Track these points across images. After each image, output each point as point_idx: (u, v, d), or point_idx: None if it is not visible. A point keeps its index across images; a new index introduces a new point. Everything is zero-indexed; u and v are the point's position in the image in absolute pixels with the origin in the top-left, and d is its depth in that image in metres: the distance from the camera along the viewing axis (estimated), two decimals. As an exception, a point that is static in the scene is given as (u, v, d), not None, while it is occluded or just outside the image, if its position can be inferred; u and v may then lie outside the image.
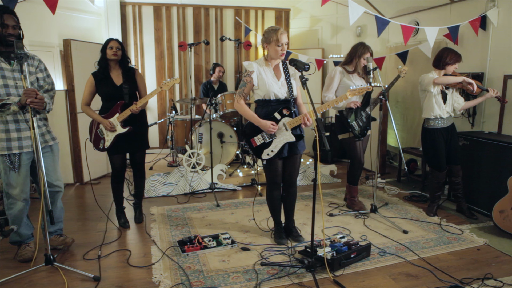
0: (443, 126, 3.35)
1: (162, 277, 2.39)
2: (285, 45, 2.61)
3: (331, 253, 2.47)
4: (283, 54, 2.61)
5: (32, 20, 4.59)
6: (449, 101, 3.36)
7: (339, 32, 5.88)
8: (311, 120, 2.59)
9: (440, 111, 3.31)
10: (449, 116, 3.37)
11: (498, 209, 3.02)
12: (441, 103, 3.31)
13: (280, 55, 2.60)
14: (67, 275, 2.42)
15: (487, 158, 3.40)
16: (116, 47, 3.01)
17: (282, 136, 2.66)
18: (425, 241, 2.92)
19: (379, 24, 3.32)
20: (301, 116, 2.61)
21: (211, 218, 3.43)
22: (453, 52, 3.28)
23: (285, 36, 2.60)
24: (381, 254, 2.70)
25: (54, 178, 2.68)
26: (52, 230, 2.78)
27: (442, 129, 3.35)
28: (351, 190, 3.61)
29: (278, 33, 2.57)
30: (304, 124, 2.61)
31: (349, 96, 2.73)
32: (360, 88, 2.70)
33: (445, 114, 3.34)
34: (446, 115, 3.35)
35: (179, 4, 5.76)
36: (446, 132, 3.37)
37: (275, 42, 2.58)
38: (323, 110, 2.72)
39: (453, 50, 3.32)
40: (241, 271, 2.47)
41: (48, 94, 2.62)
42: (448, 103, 3.36)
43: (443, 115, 3.33)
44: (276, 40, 2.57)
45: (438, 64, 3.32)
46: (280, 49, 2.58)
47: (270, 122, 2.59)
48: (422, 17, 4.67)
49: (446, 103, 3.34)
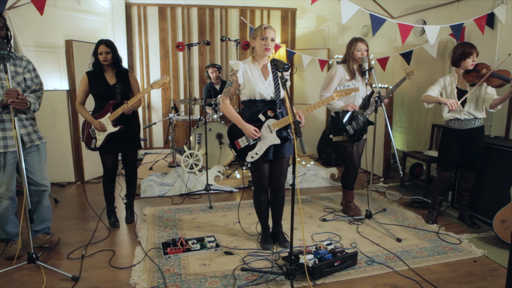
0: (459, 128, 3.09)
1: (140, 279, 2.37)
2: (271, 40, 2.54)
3: (313, 261, 2.38)
4: (268, 49, 2.54)
5: (38, 22, 4.70)
6: (470, 103, 3.02)
7: (346, 32, 5.74)
8: (303, 118, 2.51)
9: (456, 113, 3.04)
10: (472, 118, 3.05)
11: (500, 219, 2.85)
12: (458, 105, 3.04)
13: (265, 49, 2.53)
14: (48, 274, 2.43)
15: (491, 163, 3.22)
16: (105, 52, 3.02)
17: (266, 139, 2.59)
18: (418, 251, 2.78)
19: (375, 23, 3.19)
20: (287, 117, 2.53)
21: (201, 220, 3.39)
22: (463, 45, 3.02)
23: (270, 31, 2.54)
24: (369, 263, 2.59)
25: (41, 178, 2.71)
26: (39, 229, 2.81)
27: (458, 131, 3.09)
28: (346, 195, 3.50)
29: (262, 27, 2.55)
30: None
31: (336, 97, 2.63)
32: (347, 89, 2.60)
33: (463, 115, 3.04)
34: (465, 116, 3.04)
35: (183, 4, 5.77)
36: (463, 135, 3.08)
37: (260, 36, 2.53)
38: (309, 112, 2.63)
39: (465, 43, 3.06)
40: (219, 276, 2.41)
41: (35, 94, 2.65)
42: (469, 105, 3.02)
43: (460, 116, 3.05)
44: (260, 34, 2.53)
45: (452, 62, 3.10)
46: (264, 43, 2.52)
47: (253, 127, 2.53)
48: (429, 15, 4.48)
49: (466, 104, 3.02)
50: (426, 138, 4.58)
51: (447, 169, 3.21)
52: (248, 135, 2.54)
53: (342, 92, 2.61)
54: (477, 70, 3.01)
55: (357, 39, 3.22)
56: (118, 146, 3.18)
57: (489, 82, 2.95)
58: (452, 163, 3.19)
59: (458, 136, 3.13)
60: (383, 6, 5.03)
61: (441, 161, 3.25)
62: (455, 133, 3.13)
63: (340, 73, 3.25)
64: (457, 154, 3.16)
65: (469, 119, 3.08)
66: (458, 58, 3.03)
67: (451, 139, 3.15)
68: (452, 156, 3.16)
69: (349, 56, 3.25)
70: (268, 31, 2.53)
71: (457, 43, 3.12)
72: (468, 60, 2.99)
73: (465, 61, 3.00)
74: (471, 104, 3.05)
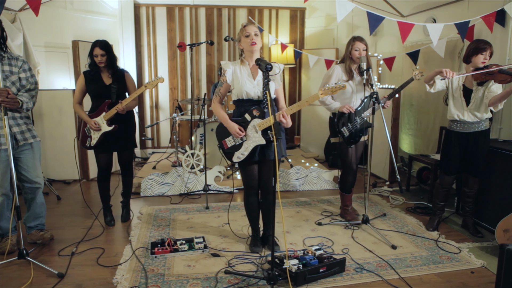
0: (462, 131, 2.95)
1: (123, 279, 2.38)
2: (254, 35, 2.50)
3: (297, 266, 2.31)
4: (254, 43, 2.49)
5: (48, 23, 4.83)
6: (475, 101, 2.86)
7: (355, 32, 5.59)
8: (288, 118, 2.45)
9: (460, 112, 2.91)
10: (476, 121, 2.89)
11: (502, 228, 2.68)
12: (460, 103, 2.90)
13: (251, 44, 2.49)
14: (36, 270, 2.48)
15: (498, 169, 3.04)
16: (100, 54, 3.05)
17: (252, 139, 2.54)
18: (412, 259, 2.66)
19: (372, 21, 3.07)
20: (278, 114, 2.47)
21: (195, 220, 3.38)
22: (477, 41, 2.86)
23: (251, 27, 2.52)
24: (358, 270, 2.50)
25: (34, 175, 2.76)
26: (33, 225, 2.88)
27: (460, 134, 2.95)
28: (343, 198, 3.40)
29: (242, 26, 2.54)
30: (280, 121, 2.47)
31: (321, 95, 2.53)
32: (334, 86, 2.50)
33: (466, 116, 2.89)
34: (469, 118, 2.88)
35: (191, 4, 5.79)
36: (466, 139, 2.94)
37: (243, 34, 2.51)
38: (294, 111, 2.55)
39: (480, 39, 2.90)
40: (202, 278, 2.39)
41: (29, 93, 2.71)
42: (474, 103, 2.86)
43: (463, 116, 2.90)
44: (242, 31, 2.51)
45: (464, 58, 2.94)
46: (248, 39, 2.49)
47: (237, 126, 2.50)
48: (439, 13, 4.30)
49: (470, 103, 2.87)
50: (434, 141, 4.41)
51: (448, 173, 3.06)
52: (233, 133, 2.51)
53: (328, 90, 2.52)
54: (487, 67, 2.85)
55: (355, 38, 3.13)
56: (113, 145, 3.21)
57: (495, 79, 2.77)
58: (454, 167, 3.04)
59: (460, 140, 2.98)
60: (393, 5, 4.88)
61: (443, 165, 3.11)
62: (457, 136, 2.99)
63: (338, 73, 3.16)
64: (459, 158, 3.01)
65: (472, 122, 2.92)
66: (470, 53, 2.86)
67: (453, 142, 3.00)
68: (453, 160, 3.02)
69: (347, 56, 3.16)
70: (248, 27, 2.51)
71: (474, 40, 2.95)
72: (479, 56, 2.81)
73: (476, 57, 2.82)
74: (476, 104, 2.89)
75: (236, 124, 2.50)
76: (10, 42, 4.19)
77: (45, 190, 4.19)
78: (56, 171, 4.64)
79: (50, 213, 3.58)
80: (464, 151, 3.00)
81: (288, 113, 2.47)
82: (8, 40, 4.14)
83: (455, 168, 3.04)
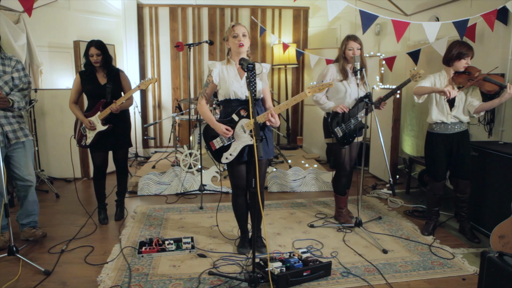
0: (445, 132, 2.92)
1: (107, 277, 2.39)
2: (242, 36, 2.48)
3: (280, 269, 2.28)
4: (242, 44, 2.48)
5: (51, 23, 4.92)
6: (458, 105, 2.89)
7: (358, 31, 5.50)
8: (276, 117, 2.42)
9: (443, 116, 2.89)
10: (457, 122, 2.91)
11: (498, 234, 2.59)
12: (444, 107, 2.88)
13: (238, 45, 2.47)
14: (24, 267, 2.52)
15: (497, 173, 2.93)
16: (95, 54, 3.08)
17: (240, 139, 2.52)
18: (402, 264, 2.59)
19: (365, 20, 3.00)
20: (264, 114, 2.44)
21: (187, 220, 3.38)
22: (459, 44, 2.83)
23: (239, 27, 2.50)
24: (344, 274, 2.45)
25: (26, 173, 2.81)
26: (26, 222, 2.92)
27: (444, 136, 2.93)
28: (337, 200, 3.34)
29: (231, 26, 2.52)
30: (268, 121, 2.44)
31: (308, 94, 2.49)
32: (321, 84, 2.46)
33: (449, 119, 2.89)
34: (452, 120, 2.90)
35: (194, 4, 5.81)
36: (451, 140, 2.92)
37: (231, 34, 2.49)
38: (283, 110, 2.51)
39: (461, 42, 2.88)
40: (185, 279, 2.38)
41: (21, 93, 2.75)
42: (458, 107, 2.88)
43: (447, 120, 2.90)
44: (231, 33, 2.49)
45: (444, 60, 2.92)
46: (236, 40, 2.47)
47: (224, 126, 2.48)
48: (442, 12, 4.19)
49: (454, 107, 2.89)
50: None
51: (438, 179, 3.00)
52: (220, 133, 2.49)
53: (316, 88, 2.47)
54: (468, 72, 2.81)
55: (349, 37, 3.07)
56: (108, 144, 3.24)
57: (482, 87, 2.78)
58: (442, 171, 2.98)
59: (444, 141, 2.93)
60: (396, 4, 4.79)
61: (430, 171, 3.05)
62: (441, 138, 2.94)
63: (332, 73, 3.11)
64: (445, 161, 2.96)
65: (454, 123, 2.91)
66: (453, 58, 2.83)
67: (438, 145, 2.95)
68: (440, 164, 2.96)
69: (341, 55, 3.10)
70: (237, 28, 2.49)
71: (454, 41, 2.88)
72: (462, 61, 2.81)
73: (459, 62, 2.82)
74: (459, 108, 2.89)
75: (222, 124, 2.49)
76: (13, 42, 4.28)
77: (45, 188, 4.29)
78: (58, 169, 4.71)
79: (47, 210, 3.65)
80: (449, 153, 2.95)
81: (276, 112, 2.44)
82: (11, 41, 4.24)
83: (443, 172, 2.99)
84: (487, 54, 3.54)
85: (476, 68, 2.86)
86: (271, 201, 3.93)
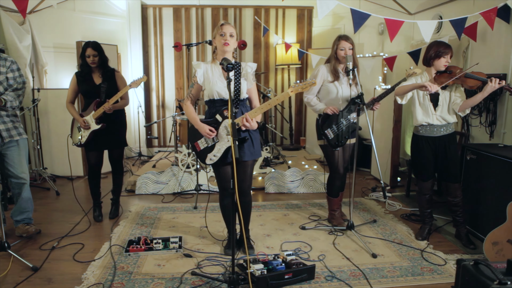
0: (431, 135, 2.85)
1: (91, 275, 2.42)
2: (229, 36, 2.48)
3: (260, 271, 2.26)
4: (227, 43, 2.47)
5: (56, 24, 5.02)
6: (442, 105, 2.81)
7: (362, 30, 5.41)
8: (251, 121, 2.41)
9: (428, 118, 2.83)
10: (444, 124, 2.83)
11: (491, 240, 2.49)
12: (428, 108, 2.82)
13: (223, 44, 2.47)
14: (14, 262, 2.57)
15: (494, 177, 2.83)
16: (92, 54, 3.13)
17: (224, 140, 2.51)
18: (390, 269, 2.52)
19: (357, 19, 2.94)
20: (240, 118, 2.44)
21: (179, 220, 3.39)
22: (437, 43, 2.81)
23: (228, 27, 2.50)
24: (328, 278, 2.40)
25: (20, 171, 2.87)
26: (20, 219, 2.99)
27: (429, 138, 2.86)
28: (330, 202, 3.29)
29: (219, 25, 2.52)
30: (243, 125, 2.43)
31: (291, 93, 2.45)
32: (304, 84, 2.41)
33: (435, 120, 2.82)
34: (437, 122, 2.82)
35: (197, 5, 5.83)
36: (437, 143, 2.85)
37: (218, 32, 2.49)
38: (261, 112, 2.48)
39: (439, 41, 2.85)
40: (167, 278, 2.38)
41: (15, 92, 2.81)
42: (441, 107, 2.81)
43: (432, 121, 2.82)
44: (218, 29, 2.49)
45: (424, 61, 2.88)
46: (223, 39, 2.47)
47: (208, 127, 2.47)
48: (446, 10, 4.08)
49: (438, 107, 2.81)
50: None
51: (424, 179, 2.95)
52: (204, 134, 2.48)
53: (299, 88, 2.43)
54: (449, 71, 2.77)
55: (340, 37, 3.02)
56: (103, 143, 3.29)
57: (464, 83, 2.74)
58: (429, 172, 2.92)
59: (430, 144, 2.87)
60: (399, 3, 4.69)
61: (416, 172, 3.02)
62: (426, 140, 2.88)
63: (323, 74, 3.06)
64: (432, 162, 2.90)
65: (440, 125, 2.84)
66: (432, 57, 2.79)
67: (423, 147, 2.89)
68: (426, 165, 2.91)
69: (332, 55, 3.05)
70: (225, 27, 2.48)
71: (432, 41, 2.84)
72: (442, 60, 2.76)
73: (438, 60, 2.77)
74: (443, 107, 2.83)
75: (206, 125, 2.48)
76: (18, 43, 4.39)
77: (46, 185, 4.38)
78: (61, 167, 4.81)
79: (45, 208, 3.74)
80: (435, 156, 2.89)
81: (255, 115, 2.41)
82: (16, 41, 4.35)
83: (430, 172, 2.93)
84: (489, 54, 3.42)
85: (457, 67, 2.82)
86: (267, 202, 3.91)
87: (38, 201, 3.92)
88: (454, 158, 2.88)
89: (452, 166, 2.88)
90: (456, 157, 2.91)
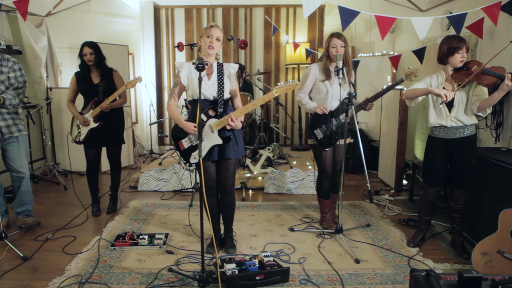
0: (445, 137, 2.66)
1: (74, 266, 2.52)
2: (216, 40, 2.50)
3: (231, 271, 2.25)
4: (212, 47, 2.49)
5: (73, 26, 5.25)
6: (458, 105, 2.59)
7: (373, 29, 5.26)
8: (236, 121, 2.42)
9: (442, 119, 2.63)
10: (460, 126, 2.61)
11: (481, 251, 2.34)
12: (442, 109, 2.62)
13: (208, 47, 2.48)
14: (9, 251, 2.73)
15: (493, 183, 2.65)
16: (89, 53, 3.26)
17: (209, 139, 2.52)
18: (371, 276, 2.44)
19: (345, 16, 2.84)
20: (225, 117, 2.45)
21: (172, 217, 3.45)
22: (449, 38, 2.58)
23: (216, 30, 2.51)
24: (303, 282, 2.36)
25: (19, 165, 3.04)
26: (19, 211, 3.16)
27: (443, 141, 2.66)
28: (321, 204, 3.22)
29: (208, 26, 2.53)
30: (228, 125, 2.44)
31: (275, 93, 2.41)
32: (287, 85, 2.37)
33: (449, 122, 2.62)
34: (452, 123, 2.61)
35: (209, 5, 5.89)
36: (451, 146, 2.65)
37: (205, 34, 2.51)
38: (246, 112, 2.47)
39: (451, 36, 2.62)
40: (144, 273, 2.44)
41: (15, 91, 2.97)
42: (457, 108, 2.59)
43: (446, 123, 2.62)
44: (206, 32, 2.51)
45: (438, 59, 2.67)
46: (209, 41, 2.48)
47: (192, 124, 2.50)
48: (455, 6, 3.87)
49: (453, 108, 2.60)
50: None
51: (432, 185, 2.76)
52: (189, 132, 2.51)
53: (283, 88, 2.40)
54: (467, 67, 2.54)
55: (332, 34, 2.93)
56: (101, 141, 3.41)
57: (480, 81, 2.48)
58: (437, 178, 2.73)
59: (444, 147, 2.67)
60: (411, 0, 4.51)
61: (425, 175, 2.81)
62: (441, 143, 2.68)
63: (314, 73, 3.00)
64: (443, 167, 2.70)
65: (456, 127, 2.61)
66: (445, 54, 2.58)
67: (436, 150, 2.69)
68: (437, 170, 2.71)
69: (324, 54, 2.99)
70: (213, 30, 2.49)
71: (444, 37, 2.64)
72: (456, 56, 2.53)
73: (453, 57, 2.54)
74: (459, 108, 2.59)
75: (191, 123, 2.51)
76: (34, 44, 4.63)
77: (56, 180, 4.60)
78: (73, 163, 5.02)
79: (50, 201, 3.93)
80: (449, 160, 2.69)
81: (240, 115, 2.42)
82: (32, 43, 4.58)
83: (439, 179, 2.73)
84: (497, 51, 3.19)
85: (475, 61, 2.56)
86: (263, 202, 3.89)
87: (45, 194, 4.13)
88: (467, 163, 2.66)
89: (463, 171, 2.66)
90: (470, 162, 2.67)
